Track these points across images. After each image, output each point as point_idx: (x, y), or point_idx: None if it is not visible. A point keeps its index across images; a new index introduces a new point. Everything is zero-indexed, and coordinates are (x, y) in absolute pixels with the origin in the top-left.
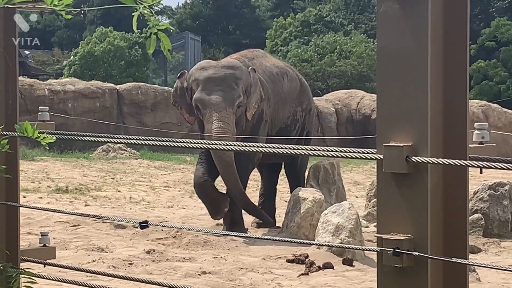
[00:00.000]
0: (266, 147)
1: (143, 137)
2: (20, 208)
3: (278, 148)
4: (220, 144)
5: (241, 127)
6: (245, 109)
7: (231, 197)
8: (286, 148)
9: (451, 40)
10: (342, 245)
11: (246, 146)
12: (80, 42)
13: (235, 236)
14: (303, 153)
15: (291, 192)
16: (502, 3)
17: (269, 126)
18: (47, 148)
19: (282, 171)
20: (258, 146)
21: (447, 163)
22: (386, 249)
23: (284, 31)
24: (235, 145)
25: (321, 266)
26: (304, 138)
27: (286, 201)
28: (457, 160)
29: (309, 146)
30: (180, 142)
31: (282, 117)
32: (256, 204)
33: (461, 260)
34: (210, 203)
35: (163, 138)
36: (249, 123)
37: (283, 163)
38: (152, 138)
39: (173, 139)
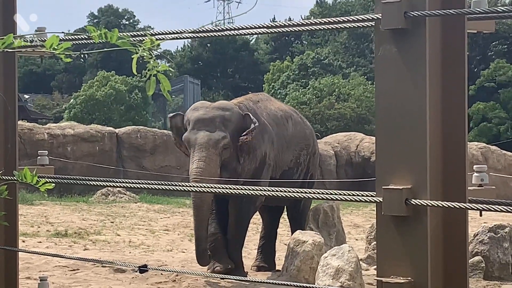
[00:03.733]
0: (265, 190)
1: (142, 181)
2: (19, 252)
3: (277, 191)
4: (218, 188)
5: (233, 169)
6: (238, 151)
7: (229, 240)
8: (285, 192)
9: (449, 82)
10: None
11: (248, 189)
12: (83, 85)
13: (235, 279)
14: (302, 197)
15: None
16: (501, 47)
17: (273, 169)
18: (46, 194)
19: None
20: (261, 190)
21: (447, 206)
22: None
23: (281, 74)
24: (236, 189)
25: None
26: (308, 182)
27: (285, 244)
28: (456, 203)
29: (308, 190)
30: (180, 185)
31: (285, 160)
32: (256, 246)
33: None
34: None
35: (162, 182)
36: (252, 165)
37: (285, 206)
38: (152, 181)
39: (172, 182)
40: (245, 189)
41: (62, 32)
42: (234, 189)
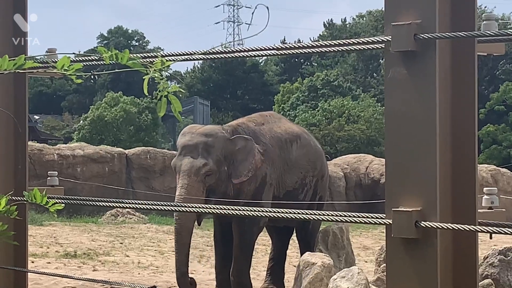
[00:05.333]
0: (274, 212)
1: (151, 202)
2: (28, 273)
3: (287, 213)
4: (226, 209)
5: (222, 193)
6: (229, 175)
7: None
8: (296, 213)
9: (459, 105)
10: None
11: (258, 211)
12: (90, 107)
13: None
14: (312, 218)
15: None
16: (509, 66)
17: (275, 189)
18: (55, 215)
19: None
20: (273, 212)
21: (457, 228)
22: None
23: (291, 96)
24: (238, 210)
25: None
26: (317, 204)
27: (294, 266)
28: (466, 225)
29: (318, 211)
30: (189, 207)
31: (289, 181)
32: (265, 268)
33: None
34: None
35: (171, 203)
36: (252, 186)
37: (295, 227)
38: (161, 202)
39: (181, 203)
40: (257, 211)
41: (73, 53)
42: (247, 210)
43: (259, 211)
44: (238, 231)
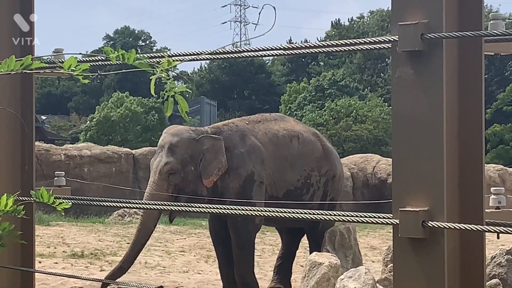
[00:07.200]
0: (277, 211)
1: (158, 202)
2: (36, 273)
3: (299, 213)
4: (230, 209)
5: (191, 191)
6: (198, 175)
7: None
8: (305, 213)
9: (466, 104)
10: None
11: (245, 210)
12: (96, 107)
13: None
14: (319, 219)
15: None
16: None
17: (272, 188)
18: (63, 214)
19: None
20: (257, 210)
21: (464, 228)
22: None
23: (298, 96)
24: (245, 210)
25: None
26: (328, 204)
27: (301, 266)
28: (473, 225)
29: (325, 211)
30: (195, 206)
31: (289, 180)
32: (272, 268)
33: None
34: None
35: (178, 203)
36: (236, 184)
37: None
38: (168, 203)
39: (188, 204)
40: (262, 211)
41: (80, 53)
42: (252, 210)
43: (263, 210)
44: (233, 231)
